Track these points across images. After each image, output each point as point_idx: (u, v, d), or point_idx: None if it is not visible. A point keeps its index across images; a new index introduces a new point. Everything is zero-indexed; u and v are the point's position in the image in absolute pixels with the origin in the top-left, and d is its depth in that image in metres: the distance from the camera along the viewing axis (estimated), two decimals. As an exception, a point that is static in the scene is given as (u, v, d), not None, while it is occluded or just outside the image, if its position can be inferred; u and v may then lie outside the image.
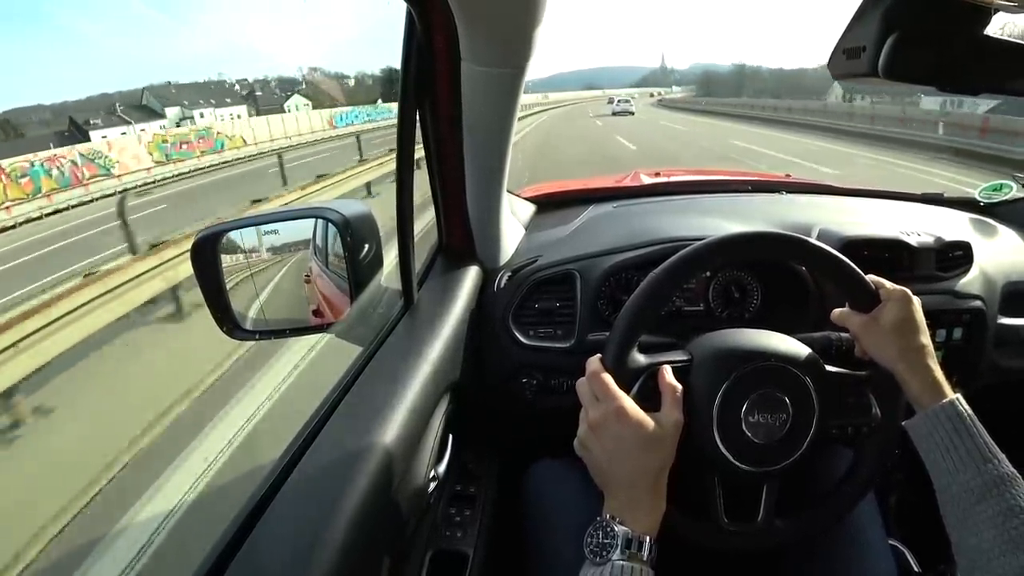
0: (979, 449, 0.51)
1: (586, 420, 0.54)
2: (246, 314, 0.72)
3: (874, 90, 7.35)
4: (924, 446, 0.54)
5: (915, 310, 0.58)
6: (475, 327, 0.87)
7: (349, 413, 0.57)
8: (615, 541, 0.49)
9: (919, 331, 0.58)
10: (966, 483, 0.50)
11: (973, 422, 0.53)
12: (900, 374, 0.57)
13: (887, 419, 0.60)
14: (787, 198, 1.23)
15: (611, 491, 0.53)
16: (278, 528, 0.43)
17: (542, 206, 1.22)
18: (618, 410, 0.52)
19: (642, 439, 0.52)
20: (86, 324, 3.40)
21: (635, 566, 0.48)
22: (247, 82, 58.96)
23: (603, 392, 0.54)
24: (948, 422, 0.53)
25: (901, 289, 0.59)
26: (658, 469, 0.53)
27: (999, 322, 0.95)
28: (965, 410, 0.53)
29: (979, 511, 0.49)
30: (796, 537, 0.62)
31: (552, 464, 0.82)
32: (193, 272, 0.67)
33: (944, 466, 0.52)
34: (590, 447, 0.54)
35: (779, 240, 0.61)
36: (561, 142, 15.83)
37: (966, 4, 0.43)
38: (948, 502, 0.52)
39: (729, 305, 0.93)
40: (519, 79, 0.66)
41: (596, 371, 0.55)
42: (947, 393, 0.55)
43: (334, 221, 0.67)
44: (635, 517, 0.50)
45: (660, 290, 0.58)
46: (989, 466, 0.50)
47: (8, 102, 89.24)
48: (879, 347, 0.58)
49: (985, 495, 0.49)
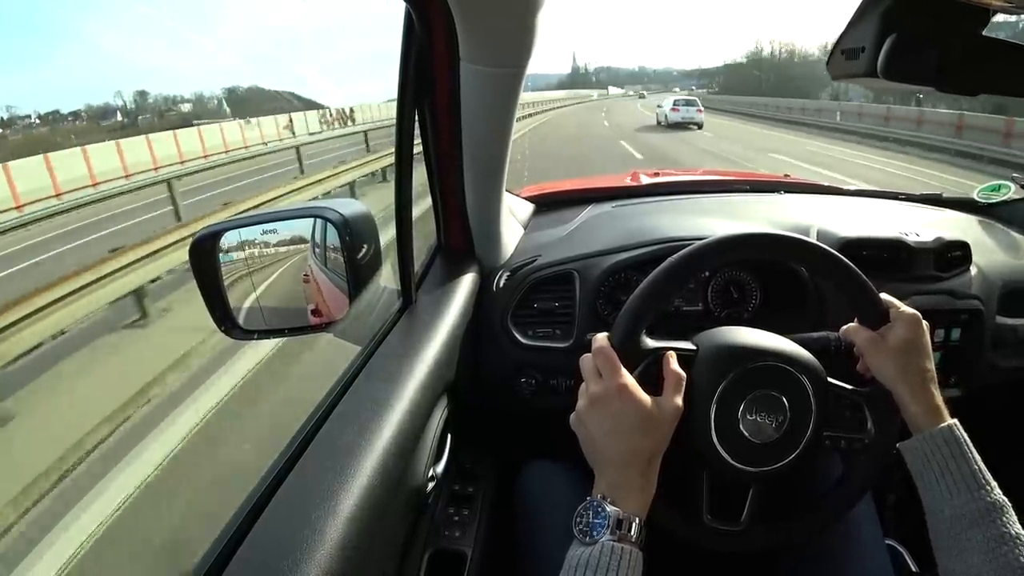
0: (974, 475, 0.51)
1: (586, 395, 0.54)
2: (245, 313, 0.72)
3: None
4: (918, 468, 0.55)
5: (923, 334, 0.58)
6: (474, 327, 0.87)
7: (347, 412, 0.57)
8: (605, 521, 0.48)
9: (924, 355, 0.58)
10: (958, 508, 0.51)
11: (969, 448, 0.53)
12: (900, 395, 0.57)
13: (881, 438, 0.60)
14: (786, 198, 1.23)
15: (602, 470, 0.52)
16: (276, 528, 0.43)
17: (541, 206, 1.22)
18: (620, 387, 0.52)
19: (641, 419, 0.52)
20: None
21: (624, 547, 0.47)
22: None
23: (607, 368, 0.54)
24: (945, 446, 0.53)
25: (912, 312, 0.59)
26: (652, 452, 0.53)
27: (997, 322, 0.96)
28: (962, 435, 0.54)
29: (969, 536, 0.49)
30: (776, 544, 0.62)
31: (545, 464, 0.82)
32: (191, 271, 0.67)
33: (937, 489, 0.52)
34: (587, 422, 0.54)
35: (797, 245, 0.61)
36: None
37: (965, 5, 0.43)
38: (939, 525, 0.52)
39: (728, 305, 0.93)
40: (518, 79, 0.66)
41: (603, 347, 0.55)
42: (945, 418, 0.55)
43: (333, 220, 0.67)
44: (625, 498, 0.50)
45: (678, 272, 0.58)
46: (982, 492, 0.50)
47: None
48: (883, 366, 0.58)
49: (977, 521, 0.49)
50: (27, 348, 3.20)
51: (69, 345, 3.59)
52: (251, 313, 0.72)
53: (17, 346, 3.11)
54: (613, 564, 0.46)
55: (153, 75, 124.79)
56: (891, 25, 0.46)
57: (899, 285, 0.85)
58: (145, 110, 56.84)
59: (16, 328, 3.10)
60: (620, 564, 0.46)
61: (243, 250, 0.70)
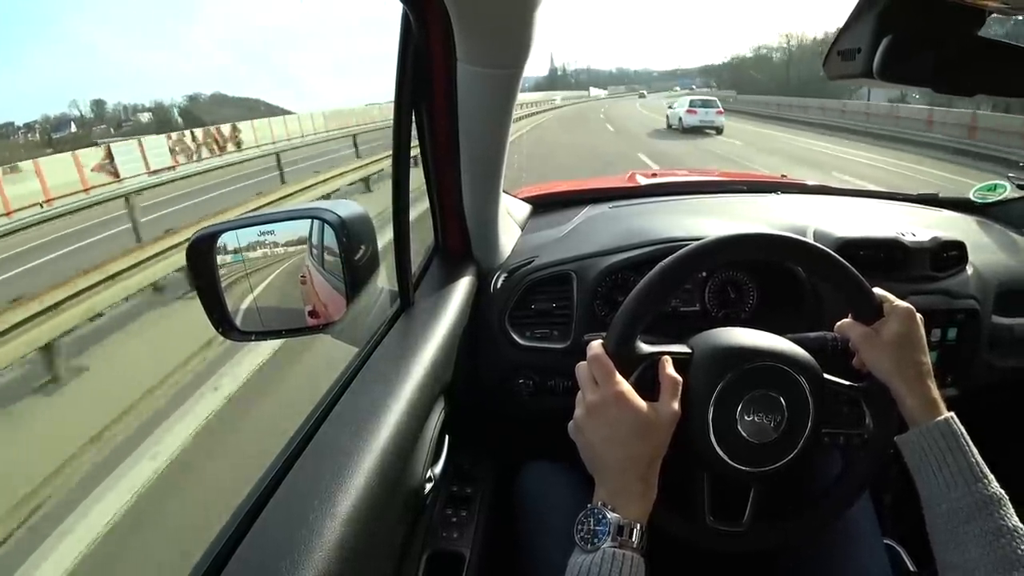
0: (971, 468, 0.52)
1: (583, 403, 0.54)
2: (242, 315, 0.71)
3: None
4: (915, 462, 0.55)
5: (917, 327, 0.59)
6: (472, 328, 0.87)
7: (345, 414, 0.57)
8: (607, 528, 0.49)
9: (919, 348, 0.58)
10: (956, 501, 0.51)
11: (966, 441, 0.53)
12: (896, 389, 0.57)
13: (880, 433, 0.60)
14: (782, 198, 1.24)
15: (602, 477, 0.53)
16: (274, 529, 0.43)
17: (538, 207, 1.22)
18: (617, 395, 0.52)
19: (638, 426, 0.52)
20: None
21: (627, 553, 0.48)
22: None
23: (603, 375, 0.54)
24: (942, 439, 0.53)
25: (906, 306, 0.59)
26: (651, 457, 0.53)
27: (993, 322, 0.96)
28: (959, 429, 0.54)
29: (967, 530, 0.50)
30: (778, 543, 0.63)
31: (543, 465, 0.82)
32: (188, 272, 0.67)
33: (934, 483, 0.53)
34: (585, 430, 0.54)
35: (791, 245, 0.61)
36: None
37: (960, 6, 0.44)
38: (936, 519, 0.52)
39: (725, 305, 0.93)
40: (515, 79, 0.66)
41: (598, 355, 0.55)
42: (942, 411, 0.55)
43: (330, 222, 0.67)
44: (626, 504, 0.50)
45: (675, 273, 0.58)
46: (979, 485, 0.51)
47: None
48: (878, 361, 0.58)
49: (974, 514, 0.50)
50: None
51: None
52: (248, 314, 0.72)
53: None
54: (615, 570, 0.46)
55: (113, 82, 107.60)
56: (887, 26, 0.47)
57: (895, 285, 0.84)
58: (103, 120, 53.78)
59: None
60: (622, 570, 0.47)
61: (240, 251, 0.70)
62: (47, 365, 3.32)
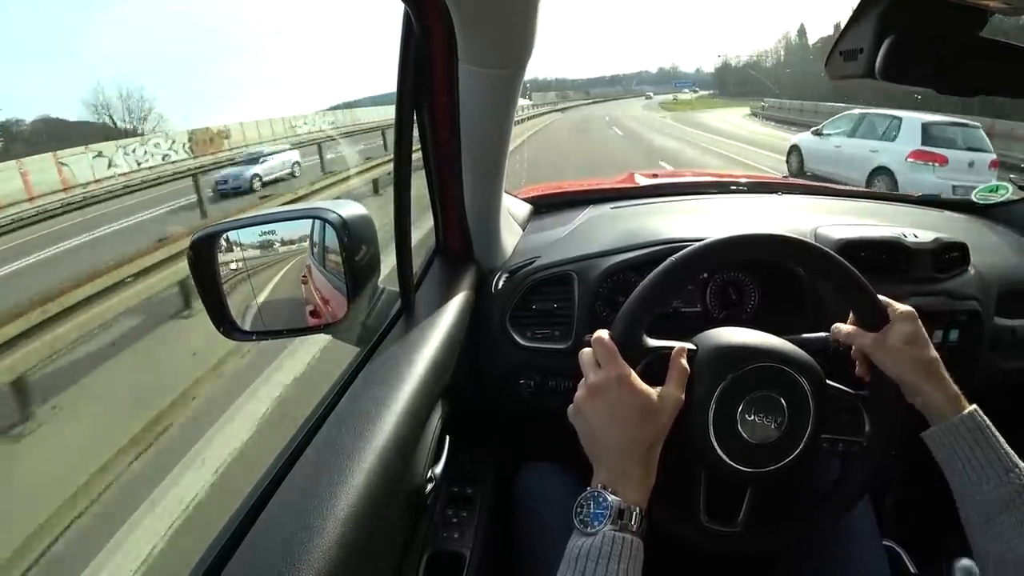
0: (1000, 459, 0.52)
1: (585, 385, 0.54)
2: (243, 315, 0.72)
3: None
4: (943, 456, 0.55)
5: (920, 326, 0.59)
6: (473, 328, 0.87)
7: (346, 414, 0.56)
8: (607, 511, 0.48)
9: (928, 345, 0.58)
10: (988, 493, 0.51)
11: (993, 433, 0.53)
12: (919, 386, 0.57)
13: (878, 441, 0.60)
14: (784, 199, 1.23)
15: (601, 460, 0.52)
16: (275, 529, 0.43)
17: (540, 207, 1.22)
18: (619, 376, 0.52)
19: (640, 408, 0.52)
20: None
21: (626, 536, 0.47)
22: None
23: (606, 357, 0.54)
24: (969, 433, 0.53)
25: (906, 307, 0.60)
26: (651, 441, 0.52)
27: (995, 323, 0.96)
28: (984, 421, 0.54)
29: (1003, 520, 0.50)
30: (772, 546, 0.62)
31: (544, 466, 0.82)
32: (190, 272, 0.67)
33: (965, 476, 0.53)
34: (586, 412, 0.53)
35: (798, 247, 0.61)
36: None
37: (962, 6, 0.44)
38: (970, 510, 0.53)
39: (727, 306, 0.93)
40: (517, 80, 0.66)
41: (602, 338, 0.55)
42: (965, 405, 0.55)
43: (331, 222, 0.67)
44: (626, 487, 0.50)
45: (677, 273, 0.58)
46: (1011, 476, 0.51)
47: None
48: (894, 364, 0.58)
49: (1009, 505, 0.50)
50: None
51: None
52: (250, 314, 0.72)
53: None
54: (615, 553, 0.46)
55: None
56: (889, 26, 0.47)
57: (897, 286, 0.85)
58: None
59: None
60: (622, 554, 0.46)
61: (242, 251, 0.70)
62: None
